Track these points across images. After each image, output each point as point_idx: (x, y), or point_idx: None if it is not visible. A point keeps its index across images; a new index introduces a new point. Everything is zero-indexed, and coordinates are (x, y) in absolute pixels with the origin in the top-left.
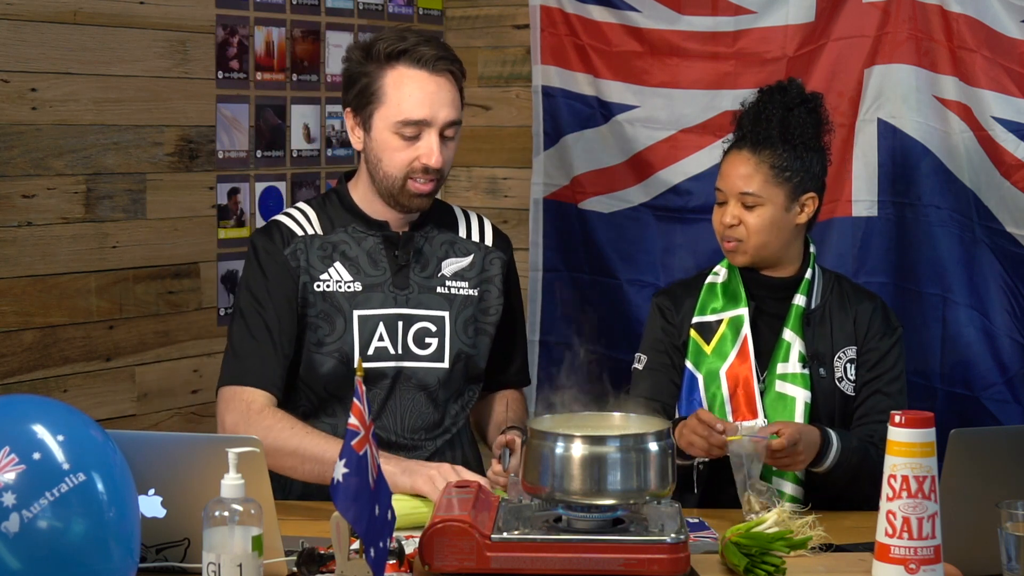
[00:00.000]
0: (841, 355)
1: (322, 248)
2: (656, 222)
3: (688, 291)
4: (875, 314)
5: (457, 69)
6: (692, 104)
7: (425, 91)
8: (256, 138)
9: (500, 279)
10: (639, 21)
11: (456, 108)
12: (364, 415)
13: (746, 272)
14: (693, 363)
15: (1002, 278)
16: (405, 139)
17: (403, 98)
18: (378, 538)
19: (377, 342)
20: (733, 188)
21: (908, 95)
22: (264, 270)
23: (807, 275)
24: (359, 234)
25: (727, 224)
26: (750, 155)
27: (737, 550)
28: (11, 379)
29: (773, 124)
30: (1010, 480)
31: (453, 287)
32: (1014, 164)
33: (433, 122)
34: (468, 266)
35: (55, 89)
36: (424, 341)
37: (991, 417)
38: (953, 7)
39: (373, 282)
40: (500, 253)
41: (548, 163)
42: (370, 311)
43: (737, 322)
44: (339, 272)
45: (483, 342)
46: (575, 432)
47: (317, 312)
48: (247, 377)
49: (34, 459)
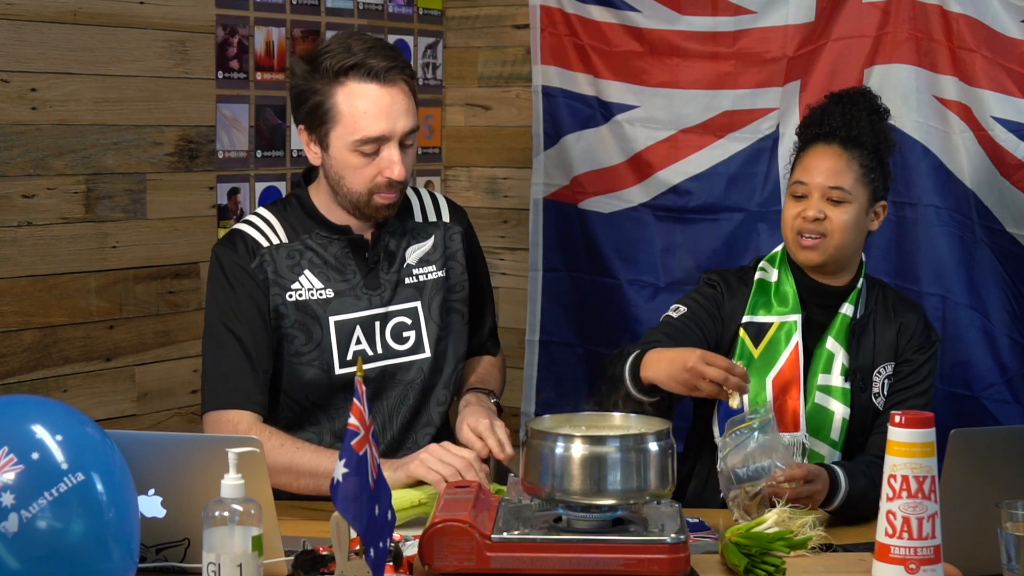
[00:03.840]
0: (880, 370)
1: (289, 256)
2: (656, 222)
3: (740, 283)
4: (917, 327)
5: (408, 74)
6: (692, 104)
7: (379, 106)
8: (256, 138)
9: (462, 253)
10: (639, 21)
11: (413, 115)
12: (364, 415)
13: (799, 275)
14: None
15: (1002, 278)
16: (365, 156)
17: (358, 116)
18: (378, 538)
19: (355, 346)
20: (823, 181)
21: (908, 95)
22: (232, 284)
23: (859, 284)
24: (323, 240)
25: (811, 217)
26: (841, 150)
27: (737, 550)
28: (11, 379)
29: (863, 125)
30: (1010, 480)
31: (420, 274)
32: (1014, 164)
33: (392, 135)
34: (431, 248)
35: (55, 89)
36: (402, 336)
37: (991, 417)
38: (953, 7)
39: (344, 287)
40: (457, 226)
41: (548, 163)
42: (345, 316)
43: (789, 329)
44: (309, 280)
45: (455, 320)
46: (575, 432)
47: (292, 323)
48: (228, 400)
49: (33, 459)
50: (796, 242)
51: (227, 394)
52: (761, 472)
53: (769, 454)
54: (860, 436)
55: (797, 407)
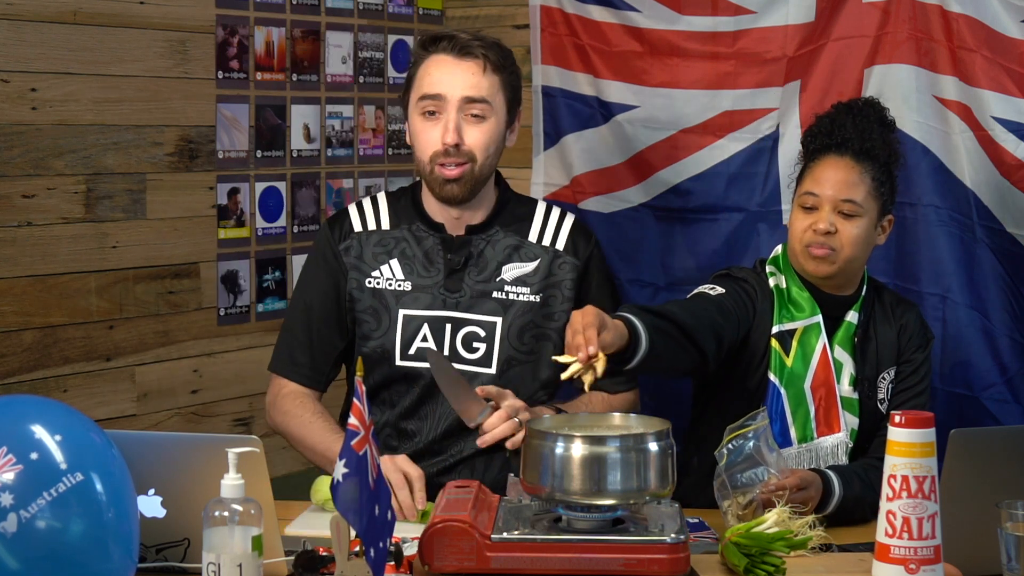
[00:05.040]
0: (884, 376)
1: (381, 244)
2: (656, 222)
3: (760, 288)
4: (916, 326)
5: (494, 56)
6: (692, 104)
7: (444, 70)
8: (256, 138)
9: (570, 284)
10: (639, 21)
11: (478, 88)
12: (364, 415)
13: (804, 283)
14: (779, 377)
15: (1002, 278)
16: (428, 119)
17: (425, 77)
18: (378, 538)
19: (420, 342)
20: (835, 194)
21: (908, 95)
22: (318, 260)
23: (863, 292)
24: (422, 233)
25: (823, 230)
26: (854, 163)
27: (737, 550)
28: (11, 379)
29: (876, 137)
30: (1010, 480)
31: (512, 292)
32: (1014, 164)
33: (449, 98)
34: (532, 272)
35: (55, 89)
36: (472, 345)
37: (991, 417)
38: (953, 7)
39: (424, 283)
40: (572, 258)
41: (548, 163)
42: (416, 311)
43: (814, 331)
44: (392, 270)
45: (544, 348)
46: (575, 432)
47: (364, 307)
48: (278, 365)
49: (32, 459)
50: (806, 253)
51: (280, 360)
52: (754, 479)
53: (762, 461)
54: (867, 442)
55: (836, 406)
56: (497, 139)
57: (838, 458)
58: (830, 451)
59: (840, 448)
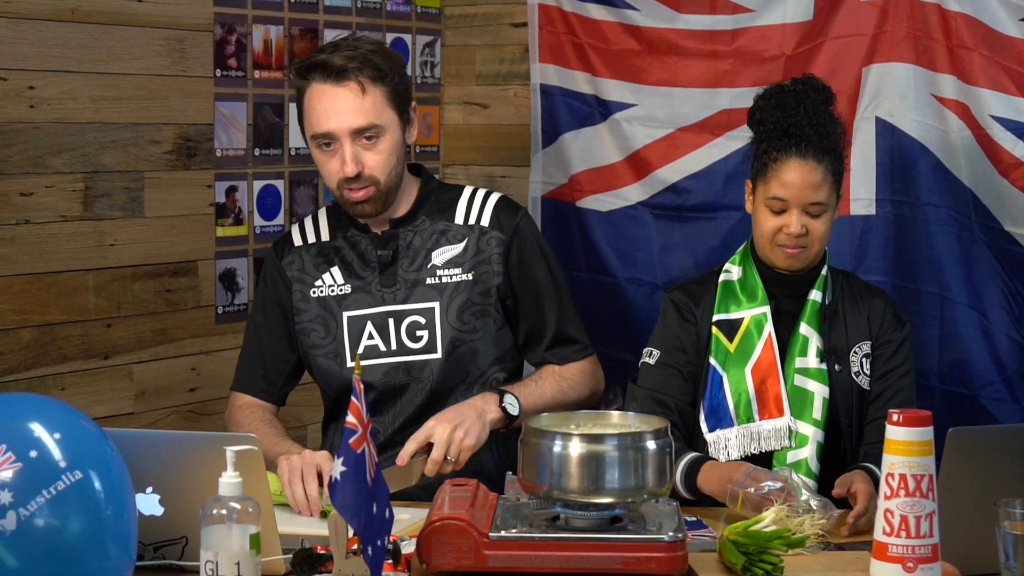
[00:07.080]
0: (857, 349)
1: (321, 254)
2: (654, 220)
3: (703, 288)
4: (886, 309)
5: (369, 71)
6: (690, 102)
7: (326, 102)
8: (254, 136)
9: (497, 258)
10: (637, 19)
11: (362, 114)
12: (362, 413)
13: (763, 268)
14: (719, 361)
15: (1000, 277)
16: (325, 151)
17: (312, 112)
18: (376, 536)
19: (367, 341)
20: (803, 198)
21: (906, 93)
22: (264, 279)
23: (823, 271)
24: (356, 237)
25: (796, 233)
26: (816, 164)
27: (735, 548)
28: (9, 377)
29: (829, 127)
30: (1008, 479)
31: (445, 275)
32: (1012, 163)
33: (338, 133)
34: (461, 252)
35: (53, 87)
36: (416, 334)
37: (989, 416)
38: (951, 6)
39: (362, 284)
40: (497, 232)
41: (546, 161)
42: (358, 311)
43: (760, 320)
44: (333, 276)
45: (486, 324)
46: (573, 430)
47: (312, 317)
48: (234, 382)
49: (31, 457)
50: (779, 253)
51: (236, 377)
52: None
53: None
54: (847, 416)
55: (779, 392)
56: (396, 150)
57: (781, 441)
58: (772, 434)
59: (783, 432)
